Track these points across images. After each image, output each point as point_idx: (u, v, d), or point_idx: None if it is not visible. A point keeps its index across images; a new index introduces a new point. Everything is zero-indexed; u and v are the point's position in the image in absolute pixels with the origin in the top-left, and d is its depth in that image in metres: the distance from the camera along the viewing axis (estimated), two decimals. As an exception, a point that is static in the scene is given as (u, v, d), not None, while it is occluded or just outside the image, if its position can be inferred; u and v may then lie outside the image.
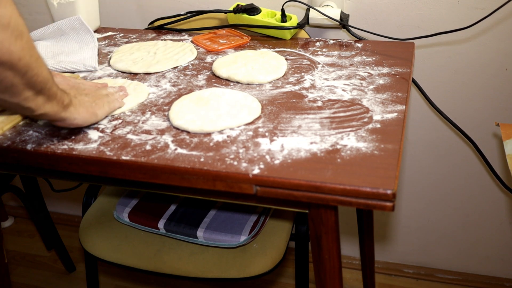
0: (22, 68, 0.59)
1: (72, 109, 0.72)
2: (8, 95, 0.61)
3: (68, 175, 0.78)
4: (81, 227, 1.08)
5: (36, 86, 0.63)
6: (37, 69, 0.62)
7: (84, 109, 0.74)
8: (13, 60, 0.57)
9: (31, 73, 0.61)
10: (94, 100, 0.78)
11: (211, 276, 0.96)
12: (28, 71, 0.60)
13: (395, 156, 0.67)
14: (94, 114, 0.76)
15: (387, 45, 1.04)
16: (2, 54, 0.56)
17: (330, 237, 0.72)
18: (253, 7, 1.11)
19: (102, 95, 0.81)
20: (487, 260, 1.43)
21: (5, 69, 0.58)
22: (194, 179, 0.68)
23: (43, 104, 0.66)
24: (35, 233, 1.74)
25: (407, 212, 1.42)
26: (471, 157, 1.28)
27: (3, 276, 1.03)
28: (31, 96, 0.63)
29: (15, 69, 0.58)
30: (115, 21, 1.33)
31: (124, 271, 1.54)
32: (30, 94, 0.63)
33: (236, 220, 1.00)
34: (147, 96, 0.87)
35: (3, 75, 0.58)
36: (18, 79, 0.60)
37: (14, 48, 0.57)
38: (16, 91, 0.61)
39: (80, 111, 0.73)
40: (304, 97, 0.84)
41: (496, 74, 1.16)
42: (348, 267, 1.55)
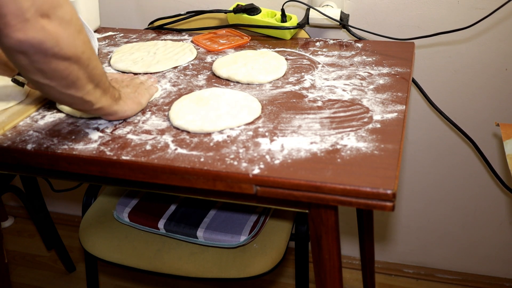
0: (85, 61, 0.62)
1: (121, 102, 0.76)
2: (74, 89, 0.64)
3: (68, 175, 0.78)
4: (81, 227, 1.08)
5: (95, 79, 0.66)
6: (96, 62, 0.65)
7: (131, 101, 0.78)
8: (78, 54, 0.60)
9: (92, 65, 0.64)
10: (135, 90, 0.81)
11: (211, 276, 0.96)
12: (90, 64, 0.63)
13: (395, 156, 0.67)
14: (140, 103, 0.80)
15: (387, 45, 1.04)
16: (70, 49, 0.59)
17: (330, 237, 0.72)
18: (253, 7, 1.11)
19: (139, 83, 0.84)
20: (487, 260, 1.43)
21: (72, 63, 0.60)
22: (194, 179, 0.68)
23: (100, 97, 0.70)
24: (35, 233, 1.74)
25: (407, 212, 1.42)
26: (471, 157, 1.28)
27: (3, 276, 1.03)
28: (92, 89, 0.67)
29: (80, 62, 0.61)
30: (115, 21, 1.33)
31: (124, 271, 1.54)
32: (91, 87, 0.66)
33: (236, 220, 1.00)
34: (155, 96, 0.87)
35: (71, 69, 0.61)
36: (82, 72, 0.63)
37: (78, 42, 0.60)
38: (81, 85, 0.64)
39: (128, 103, 0.77)
40: (304, 97, 0.84)
41: (496, 74, 1.16)
42: (348, 267, 1.55)
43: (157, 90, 0.87)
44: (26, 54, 0.57)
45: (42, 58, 0.58)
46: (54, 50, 0.58)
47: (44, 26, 0.56)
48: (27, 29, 0.55)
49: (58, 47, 0.58)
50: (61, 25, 0.57)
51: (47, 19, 0.56)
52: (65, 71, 0.61)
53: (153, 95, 0.85)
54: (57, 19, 0.57)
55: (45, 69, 0.60)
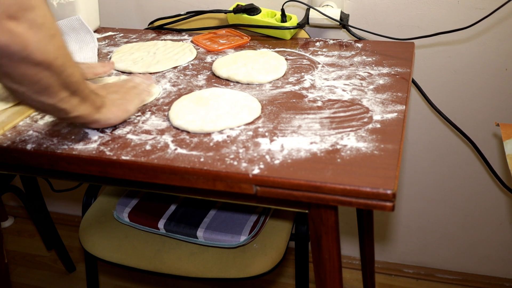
0: (58, 68, 0.59)
1: (105, 110, 0.73)
2: (45, 96, 0.61)
3: (68, 175, 0.78)
4: (81, 227, 1.08)
5: (71, 86, 0.63)
6: (71, 69, 0.62)
7: (116, 108, 0.75)
8: (50, 60, 0.58)
9: (66, 73, 0.61)
10: (123, 96, 0.78)
11: (211, 276, 0.96)
12: (64, 71, 0.60)
13: (395, 156, 0.67)
14: (126, 110, 0.77)
15: (387, 45, 1.04)
16: (40, 54, 0.56)
17: (330, 237, 0.72)
18: (253, 7, 1.11)
19: (130, 87, 0.81)
20: (487, 260, 1.43)
21: (43, 69, 0.58)
22: (194, 179, 0.68)
23: (78, 105, 0.66)
24: (35, 233, 1.74)
25: (407, 212, 1.42)
26: (471, 157, 1.28)
27: (3, 276, 1.03)
28: (67, 97, 0.64)
29: (52, 68, 0.59)
30: (115, 21, 1.33)
31: (124, 271, 1.54)
32: (66, 94, 0.63)
33: (236, 220, 1.00)
34: (156, 96, 0.87)
35: (41, 75, 0.58)
36: (55, 79, 0.60)
37: (50, 47, 0.57)
38: (53, 92, 0.61)
39: (112, 110, 0.74)
40: (304, 97, 0.84)
41: (496, 74, 1.16)
42: (348, 267, 1.55)
43: (151, 95, 0.84)
44: None
45: (8, 62, 0.55)
46: (21, 54, 0.55)
47: (11, 29, 0.53)
48: None
49: (26, 52, 0.55)
50: (31, 28, 0.55)
51: (15, 22, 0.53)
52: (34, 76, 0.58)
53: (144, 101, 0.82)
54: (27, 22, 0.54)
55: (13, 74, 0.57)
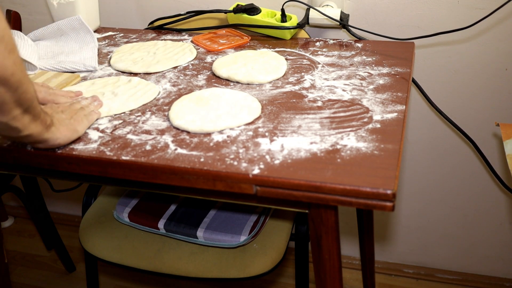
0: (14, 83, 0.57)
1: (53, 129, 0.70)
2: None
3: (68, 175, 0.78)
4: (81, 227, 1.08)
5: (24, 104, 0.61)
6: (26, 85, 0.60)
7: (65, 127, 0.72)
8: (6, 75, 0.56)
9: (21, 89, 0.59)
10: (71, 116, 0.75)
11: (211, 276, 0.96)
12: (19, 87, 0.58)
13: (395, 156, 0.67)
14: (75, 131, 0.74)
15: (387, 45, 1.04)
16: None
17: (330, 237, 0.72)
18: (253, 7, 1.11)
19: (77, 109, 0.78)
20: (487, 260, 1.43)
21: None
22: (194, 179, 0.68)
23: (29, 123, 0.64)
24: (35, 233, 1.74)
25: (407, 212, 1.42)
26: (471, 157, 1.28)
27: (3, 276, 1.03)
28: (19, 115, 0.61)
29: (8, 84, 0.56)
30: (115, 21, 1.33)
31: (124, 271, 1.54)
32: (18, 112, 0.61)
33: (236, 220, 1.00)
34: (156, 96, 0.87)
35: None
36: (10, 95, 0.58)
37: (7, 62, 0.55)
38: (6, 109, 0.59)
39: (61, 130, 0.71)
40: (304, 97, 0.84)
41: (496, 74, 1.16)
42: (348, 267, 1.55)
43: (99, 116, 0.81)
44: None
45: None
46: None
47: None
48: None
49: None
50: None
51: None
52: None
53: (93, 121, 0.79)
54: None
55: None
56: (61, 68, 0.99)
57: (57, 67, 0.99)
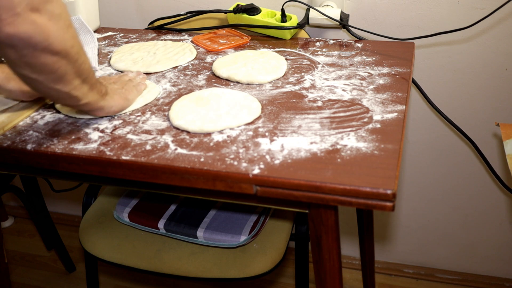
0: (74, 55, 0.62)
1: (108, 98, 0.76)
2: (62, 84, 0.64)
3: (68, 175, 0.78)
4: (81, 227, 1.08)
5: (83, 74, 0.66)
6: (84, 56, 0.65)
7: (118, 96, 0.78)
8: (67, 48, 0.60)
9: (80, 60, 0.64)
10: (122, 86, 0.82)
11: (211, 276, 0.96)
12: (79, 58, 0.63)
13: (395, 156, 0.67)
14: (127, 99, 0.80)
15: (387, 45, 1.04)
16: (59, 43, 0.59)
17: (330, 237, 0.72)
18: (253, 7, 1.11)
19: (127, 80, 0.84)
20: (487, 260, 1.43)
21: (61, 58, 0.60)
22: (194, 179, 0.68)
23: (87, 92, 0.69)
24: (35, 233, 1.74)
25: (407, 212, 1.42)
26: (471, 157, 1.28)
27: (3, 276, 1.03)
28: (79, 85, 0.67)
29: (69, 57, 0.61)
30: (115, 21, 1.33)
31: (124, 271, 1.54)
32: (78, 82, 0.66)
33: (236, 220, 1.00)
34: (157, 96, 0.87)
35: (59, 64, 0.61)
36: (71, 67, 0.62)
37: (67, 36, 0.60)
38: (68, 79, 0.64)
39: (115, 98, 0.77)
40: (304, 97, 0.84)
41: (496, 74, 1.16)
42: (348, 267, 1.55)
43: (146, 87, 0.86)
44: (16, 48, 0.57)
45: (32, 53, 0.58)
46: (43, 44, 0.57)
47: (34, 20, 0.55)
48: (18, 23, 0.54)
49: (47, 42, 0.57)
50: (51, 19, 0.57)
51: (38, 13, 0.55)
52: (53, 65, 0.60)
53: (141, 92, 0.85)
54: (47, 14, 0.56)
55: (34, 63, 0.59)
56: (61, 68, 0.99)
57: (57, 67, 0.99)
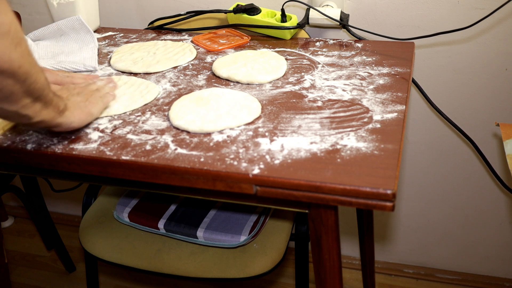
0: (22, 76, 0.58)
1: (67, 113, 0.71)
2: (7, 103, 0.61)
3: (68, 175, 0.78)
4: (81, 227, 1.08)
5: (34, 93, 0.62)
6: (35, 76, 0.61)
7: (79, 111, 0.74)
8: (13, 68, 0.57)
9: (30, 80, 0.60)
10: (86, 98, 0.77)
11: (211, 276, 0.96)
12: (28, 78, 0.60)
13: (395, 156, 0.67)
14: (90, 113, 0.76)
15: (387, 45, 1.04)
16: (3, 63, 0.55)
17: (330, 237, 0.72)
18: (253, 7, 1.11)
19: (93, 90, 0.80)
20: (487, 260, 1.43)
21: (6, 77, 0.57)
22: (194, 179, 0.68)
23: (40, 110, 0.65)
24: (35, 233, 1.74)
25: (407, 212, 1.42)
26: (471, 157, 1.28)
27: (3, 276, 1.03)
28: (29, 104, 0.63)
29: (15, 76, 0.58)
30: (115, 21, 1.33)
31: (124, 271, 1.54)
32: (28, 101, 0.62)
33: (236, 220, 1.00)
34: (156, 96, 0.87)
35: (4, 83, 0.57)
36: (18, 86, 0.59)
37: (14, 55, 0.56)
38: (15, 99, 0.60)
39: (75, 113, 0.73)
40: (304, 97, 0.84)
41: (496, 74, 1.16)
42: (348, 267, 1.55)
43: (114, 98, 0.82)
44: None
45: None
46: None
47: None
48: None
49: None
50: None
51: None
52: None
53: (108, 103, 0.80)
54: None
55: None
56: (61, 68, 0.99)
57: (57, 67, 0.99)
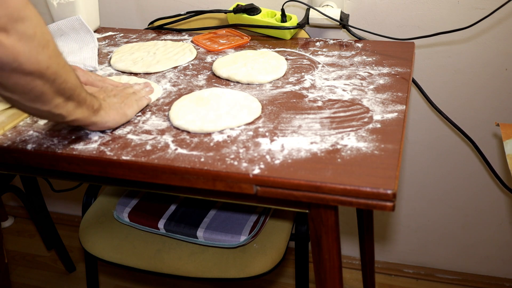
0: (50, 76, 0.60)
1: (102, 113, 0.74)
2: (40, 103, 0.63)
3: (68, 175, 0.78)
4: (81, 227, 1.08)
5: (65, 93, 0.64)
6: (65, 76, 0.63)
7: (115, 111, 0.76)
8: (41, 69, 0.59)
9: (59, 80, 0.62)
10: (122, 100, 0.80)
11: (211, 276, 0.96)
12: (57, 79, 0.62)
13: (395, 156, 0.67)
14: (125, 114, 0.78)
15: (387, 45, 1.04)
16: (31, 64, 0.57)
17: (330, 237, 0.72)
18: (253, 7, 1.11)
19: (129, 93, 0.82)
20: (487, 260, 1.43)
21: (35, 78, 0.59)
22: (194, 179, 0.68)
23: (74, 110, 0.68)
24: (35, 233, 1.74)
25: (407, 212, 1.42)
26: (471, 157, 1.28)
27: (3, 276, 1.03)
28: (62, 103, 0.65)
29: (44, 77, 0.60)
30: (115, 21, 1.33)
31: (124, 271, 1.54)
32: (60, 101, 0.64)
33: (236, 220, 1.00)
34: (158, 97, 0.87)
35: (33, 84, 0.60)
36: (48, 87, 0.61)
37: (41, 57, 0.58)
38: (47, 99, 0.62)
39: (110, 113, 0.75)
40: (304, 97, 0.84)
41: (496, 74, 1.16)
42: (348, 267, 1.55)
43: (149, 101, 0.84)
44: None
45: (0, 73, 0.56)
46: (12, 65, 0.56)
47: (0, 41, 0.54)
48: None
49: (16, 63, 0.56)
50: (21, 40, 0.55)
51: (5, 34, 0.54)
52: (27, 86, 0.59)
53: (143, 107, 0.83)
54: (16, 34, 0.55)
55: (5, 83, 0.58)
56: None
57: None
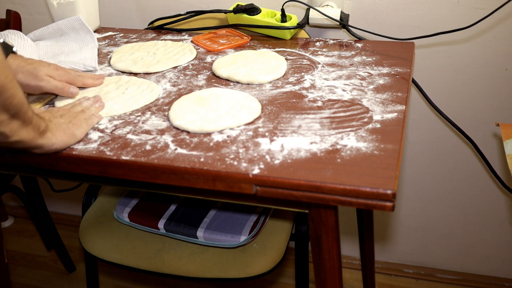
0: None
1: (49, 135, 0.69)
2: None
3: (68, 175, 0.78)
4: (81, 227, 1.08)
5: (11, 109, 0.59)
6: (12, 91, 0.59)
7: (62, 132, 0.71)
8: None
9: (6, 95, 0.58)
10: (70, 120, 0.75)
11: (211, 276, 0.96)
12: (3, 92, 0.57)
13: (395, 156, 0.67)
14: (73, 135, 0.73)
15: (387, 45, 1.04)
16: None
17: (330, 237, 0.72)
18: (253, 7, 1.11)
19: (77, 112, 0.77)
20: (487, 260, 1.43)
21: None
22: (194, 179, 0.68)
23: (18, 129, 0.63)
24: (35, 233, 1.74)
25: (407, 212, 1.42)
26: (471, 157, 1.28)
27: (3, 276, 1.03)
28: (6, 120, 0.60)
29: None
30: (115, 21, 1.33)
31: (124, 271, 1.54)
32: (4, 117, 0.59)
33: (236, 220, 1.00)
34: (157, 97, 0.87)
35: None
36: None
37: None
38: None
39: (57, 135, 0.70)
40: (304, 97, 0.84)
41: (496, 74, 1.16)
42: (348, 267, 1.55)
43: (100, 119, 0.79)
44: None
45: None
46: None
47: None
48: None
49: None
50: None
51: None
52: None
53: (93, 125, 0.77)
54: None
55: None
56: (61, 68, 0.99)
57: (57, 67, 0.99)
